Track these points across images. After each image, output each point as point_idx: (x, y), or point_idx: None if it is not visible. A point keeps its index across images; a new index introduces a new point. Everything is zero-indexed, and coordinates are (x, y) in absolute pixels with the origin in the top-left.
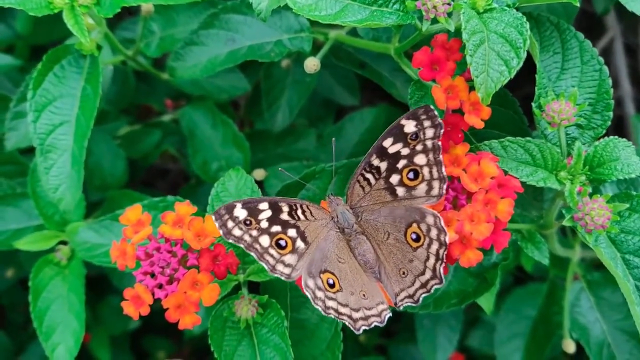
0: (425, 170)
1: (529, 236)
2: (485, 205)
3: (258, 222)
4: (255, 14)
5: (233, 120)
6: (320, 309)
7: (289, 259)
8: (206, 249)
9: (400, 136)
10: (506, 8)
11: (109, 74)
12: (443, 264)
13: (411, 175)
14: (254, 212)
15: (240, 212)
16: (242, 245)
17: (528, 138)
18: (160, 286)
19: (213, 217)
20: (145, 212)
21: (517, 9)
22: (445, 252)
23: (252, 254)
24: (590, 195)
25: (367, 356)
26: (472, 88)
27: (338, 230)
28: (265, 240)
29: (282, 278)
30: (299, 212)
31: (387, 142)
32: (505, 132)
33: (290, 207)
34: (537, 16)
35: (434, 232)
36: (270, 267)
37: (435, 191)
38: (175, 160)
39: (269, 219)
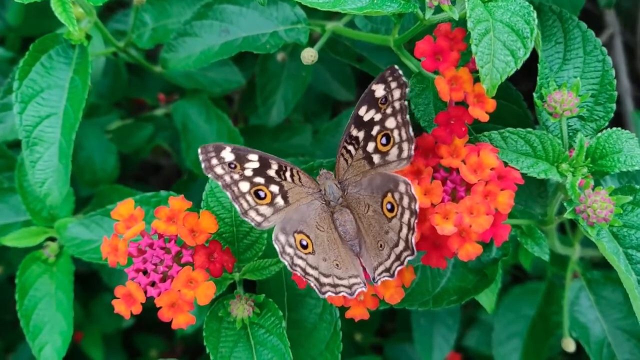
0: (395, 133)
1: (528, 232)
2: (485, 197)
3: (243, 169)
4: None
5: (227, 115)
6: (287, 264)
7: (264, 210)
8: (201, 245)
9: (373, 102)
10: None
11: (100, 66)
12: (415, 234)
13: (384, 140)
14: (241, 159)
15: (228, 155)
16: (219, 183)
17: (529, 129)
18: (153, 284)
19: (199, 150)
20: (137, 207)
21: None
22: (416, 221)
23: (228, 193)
24: (593, 188)
25: (363, 355)
26: (476, 79)
27: (324, 202)
28: (244, 186)
29: (252, 224)
30: (288, 174)
31: (362, 111)
32: (509, 127)
33: (280, 166)
34: (538, 5)
35: (405, 201)
36: (242, 210)
37: (404, 153)
38: (168, 156)
39: (254, 170)
